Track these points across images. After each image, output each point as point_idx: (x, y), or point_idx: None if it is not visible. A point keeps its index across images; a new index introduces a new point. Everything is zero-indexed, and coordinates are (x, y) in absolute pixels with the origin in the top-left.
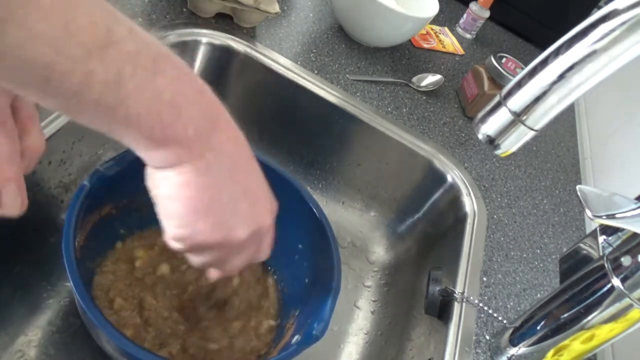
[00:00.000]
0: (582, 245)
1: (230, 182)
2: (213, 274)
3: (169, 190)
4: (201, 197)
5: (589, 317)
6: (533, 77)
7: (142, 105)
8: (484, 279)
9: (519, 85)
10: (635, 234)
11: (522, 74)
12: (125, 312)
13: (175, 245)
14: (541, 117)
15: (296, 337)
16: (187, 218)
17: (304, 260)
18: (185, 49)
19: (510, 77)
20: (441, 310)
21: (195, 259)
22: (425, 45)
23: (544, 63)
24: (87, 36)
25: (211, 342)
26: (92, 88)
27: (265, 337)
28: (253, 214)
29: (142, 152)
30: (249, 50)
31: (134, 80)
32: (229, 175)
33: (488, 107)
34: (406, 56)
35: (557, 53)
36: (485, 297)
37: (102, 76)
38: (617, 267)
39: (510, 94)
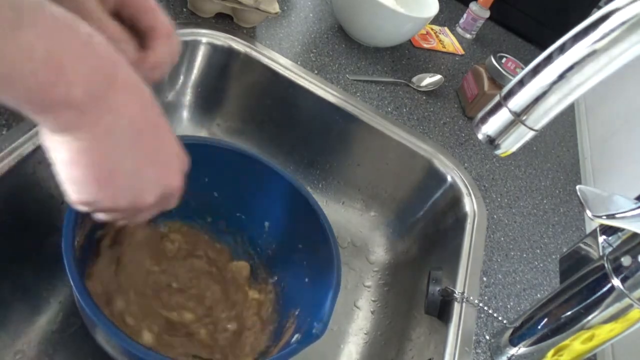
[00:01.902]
0: (582, 245)
1: (134, 146)
2: (121, 223)
3: (67, 155)
4: (102, 164)
5: (589, 317)
6: (533, 77)
7: (7, 64)
8: (484, 279)
9: (519, 85)
10: (635, 234)
11: (522, 74)
12: (125, 315)
13: (79, 207)
14: (541, 117)
15: (296, 336)
16: (89, 186)
17: (304, 260)
18: (185, 49)
19: (510, 77)
20: (441, 310)
21: (98, 217)
22: (425, 45)
23: (544, 63)
24: None
25: (209, 343)
26: None
27: (263, 335)
28: (160, 177)
29: (31, 116)
30: (249, 50)
31: None
32: (132, 138)
33: (488, 107)
34: (406, 56)
35: (557, 53)
36: (485, 297)
37: None
38: (617, 267)
39: (510, 94)
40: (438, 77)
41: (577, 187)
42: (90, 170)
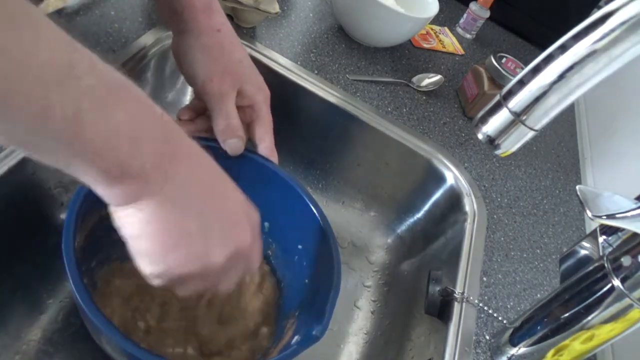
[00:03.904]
0: (582, 245)
1: (197, 209)
2: (210, 294)
3: (134, 228)
4: (167, 230)
5: (589, 317)
6: (533, 77)
7: (100, 140)
8: (484, 279)
9: (519, 85)
10: (635, 234)
11: (521, 74)
12: (124, 315)
13: (155, 282)
14: (541, 117)
15: (296, 338)
16: (158, 254)
17: (303, 261)
18: None
19: (510, 77)
20: (441, 310)
21: (181, 291)
22: (425, 45)
23: (544, 63)
24: (46, 71)
25: (208, 342)
26: (49, 123)
27: (263, 337)
28: (228, 236)
29: (100, 190)
30: (248, 50)
31: (91, 114)
32: (194, 202)
33: (488, 107)
34: (406, 56)
35: (557, 53)
36: (485, 297)
37: (60, 111)
38: (617, 267)
39: (510, 94)
40: (438, 77)
41: (577, 187)
42: (156, 238)
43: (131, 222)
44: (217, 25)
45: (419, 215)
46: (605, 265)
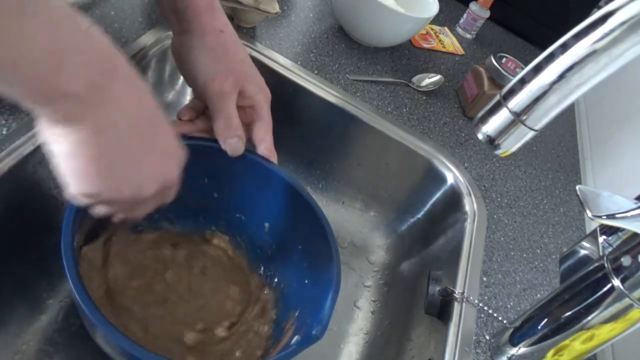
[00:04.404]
0: (582, 245)
1: (135, 138)
2: (117, 218)
3: (68, 147)
4: (104, 155)
5: (589, 317)
6: (533, 77)
7: (12, 50)
8: (484, 279)
9: (519, 85)
10: (635, 234)
11: (521, 74)
12: (124, 318)
13: (81, 200)
14: (541, 117)
15: (296, 338)
16: (93, 177)
17: (303, 261)
18: None
19: (510, 77)
20: (441, 310)
21: (99, 210)
22: (425, 45)
23: (544, 63)
24: None
25: (208, 343)
26: None
27: (263, 337)
28: (160, 168)
29: (31, 107)
30: (248, 50)
31: (5, 25)
32: (132, 130)
33: (488, 107)
34: (406, 56)
35: (557, 53)
36: (485, 297)
37: None
38: (617, 267)
39: (510, 93)
40: (438, 77)
41: (577, 187)
42: (92, 162)
43: (65, 141)
44: (221, 26)
45: (419, 215)
46: (605, 265)
